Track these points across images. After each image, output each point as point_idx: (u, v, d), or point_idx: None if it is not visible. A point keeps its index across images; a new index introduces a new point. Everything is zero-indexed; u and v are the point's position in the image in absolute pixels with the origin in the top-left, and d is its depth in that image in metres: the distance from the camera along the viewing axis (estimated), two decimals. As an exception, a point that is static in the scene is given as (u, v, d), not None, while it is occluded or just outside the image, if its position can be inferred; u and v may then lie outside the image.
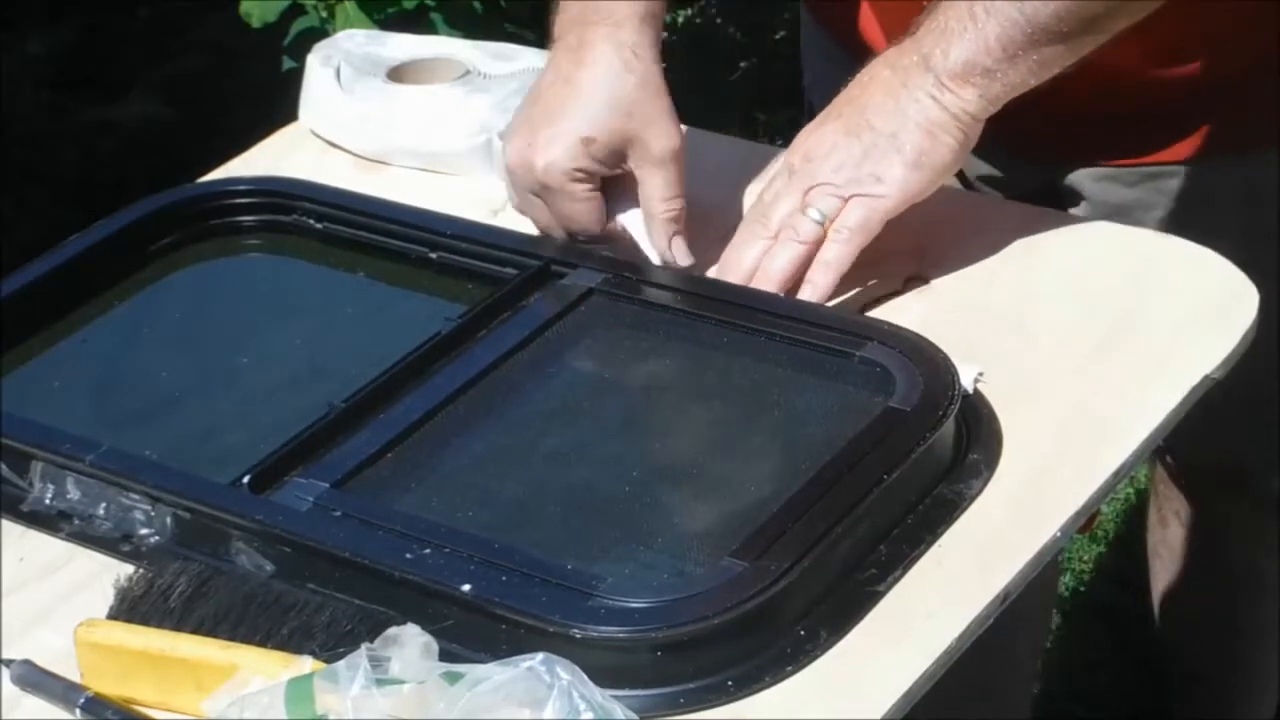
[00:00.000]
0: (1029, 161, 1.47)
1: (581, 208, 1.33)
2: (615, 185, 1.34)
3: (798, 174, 1.29)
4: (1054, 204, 1.46)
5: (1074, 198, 1.48)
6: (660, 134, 1.31)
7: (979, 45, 1.25)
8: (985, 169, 1.51)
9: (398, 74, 1.54)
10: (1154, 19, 1.31)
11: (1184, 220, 1.41)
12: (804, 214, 1.27)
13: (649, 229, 1.33)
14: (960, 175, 1.52)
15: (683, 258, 1.32)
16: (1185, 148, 1.45)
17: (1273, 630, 1.84)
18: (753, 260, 1.29)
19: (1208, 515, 1.80)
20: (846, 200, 1.26)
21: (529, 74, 1.51)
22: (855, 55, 1.38)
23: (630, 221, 1.34)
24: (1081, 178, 1.47)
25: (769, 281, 1.27)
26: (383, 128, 1.49)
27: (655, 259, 1.32)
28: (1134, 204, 1.45)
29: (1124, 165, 1.46)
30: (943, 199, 1.38)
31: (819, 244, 1.27)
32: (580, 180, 1.32)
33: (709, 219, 1.37)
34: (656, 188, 1.31)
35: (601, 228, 1.34)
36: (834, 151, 1.27)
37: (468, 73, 1.52)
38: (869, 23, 1.48)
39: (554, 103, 1.32)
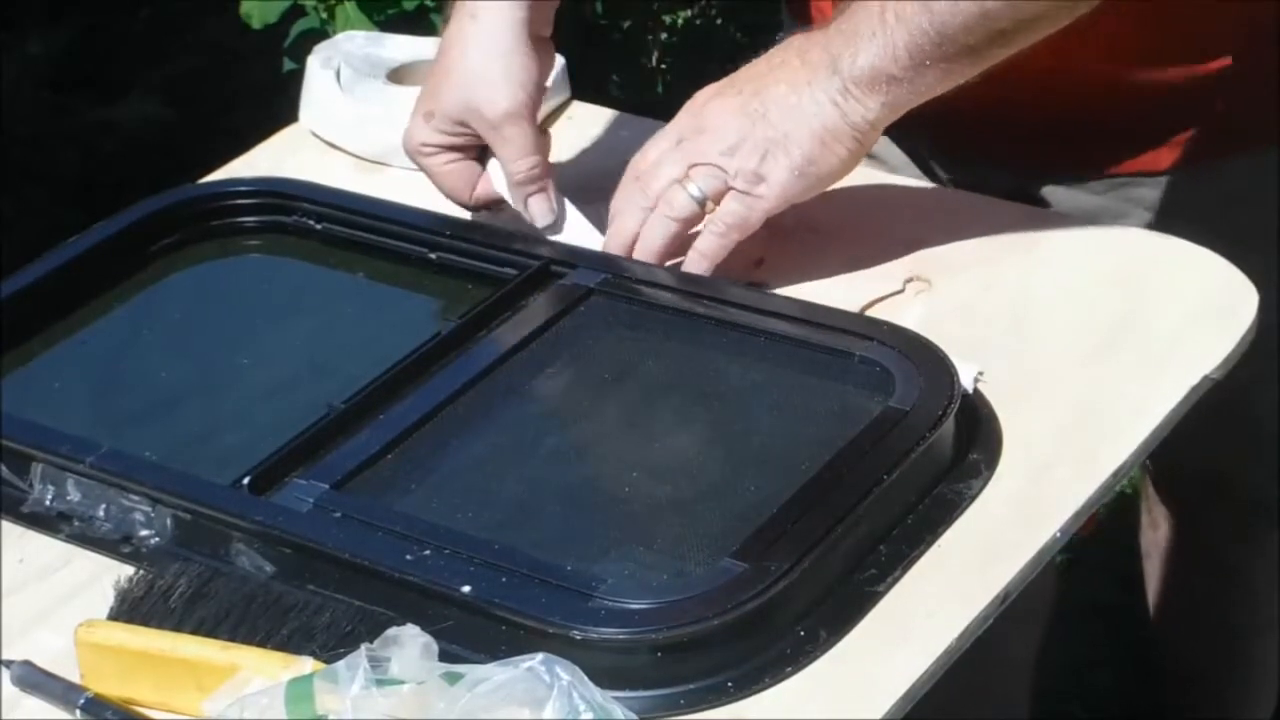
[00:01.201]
0: (995, 168, 1.47)
1: (444, 180, 1.37)
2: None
3: (686, 143, 1.29)
4: None
5: (1042, 205, 1.48)
6: (491, 99, 1.33)
7: (887, 53, 1.24)
8: (952, 174, 1.51)
9: (398, 75, 1.54)
10: (1124, 26, 1.32)
11: (1154, 229, 1.41)
12: (684, 187, 1.27)
13: (511, 197, 1.36)
14: (932, 176, 1.52)
15: (540, 218, 1.34)
16: (1152, 159, 1.45)
17: (1267, 629, 1.84)
18: (632, 231, 1.30)
19: (1192, 517, 1.80)
20: (728, 187, 1.27)
21: None
22: None
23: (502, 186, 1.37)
24: (1049, 186, 1.48)
25: (647, 254, 1.29)
26: (383, 129, 1.49)
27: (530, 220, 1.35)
28: (1101, 211, 1.45)
29: (1092, 177, 1.46)
30: (943, 199, 1.39)
31: (693, 220, 1.28)
32: (432, 154, 1.36)
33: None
34: (502, 153, 1.34)
35: (469, 197, 1.37)
36: (726, 133, 1.27)
37: None
38: None
39: (427, 78, 1.37)
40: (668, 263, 1.30)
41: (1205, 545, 1.81)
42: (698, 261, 1.28)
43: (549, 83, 1.49)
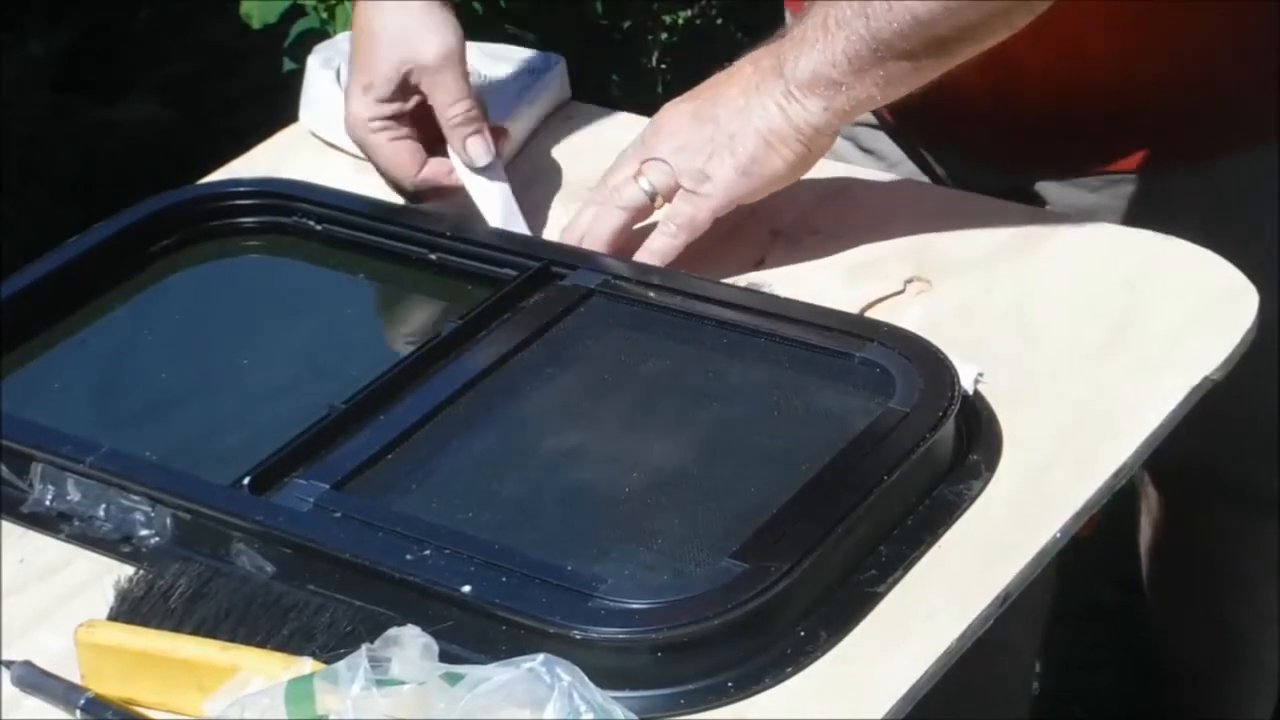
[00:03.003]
0: (991, 165, 1.47)
1: (391, 157, 1.39)
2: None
3: (644, 143, 1.33)
4: None
5: (1037, 202, 1.48)
6: (421, 47, 1.36)
7: (827, 57, 1.26)
8: (949, 170, 1.51)
9: None
10: (1117, 23, 1.32)
11: (1146, 226, 1.41)
12: (635, 181, 1.31)
13: (449, 140, 1.38)
14: (929, 172, 1.52)
15: (479, 156, 1.37)
16: (1145, 156, 1.45)
17: (1267, 629, 1.84)
18: (585, 223, 1.33)
19: (1187, 517, 1.80)
20: (677, 185, 1.30)
21: (528, 75, 1.51)
22: None
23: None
24: (1044, 183, 1.48)
25: (595, 242, 1.32)
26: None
27: (477, 197, 1.38)
28: (1095, 208, 1.45)
29: (1087, 173, 1.47)
30: (943, 199, 1.39)
31: (642, 213, 1.32)
32: (379, 129, 1.38)
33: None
34: (438, 97, 1.37)
35: (415, 173, 1.40)
36: (678, 133, 1.30)
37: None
38: None
39: (351, 58, 1.40)
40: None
41: (1202, 544, 1.81)
42: (648, 259, 1.31)
43: (548, 84, 1.49)
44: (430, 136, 1.41)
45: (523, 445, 1.18)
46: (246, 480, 1.12)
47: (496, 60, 1.54)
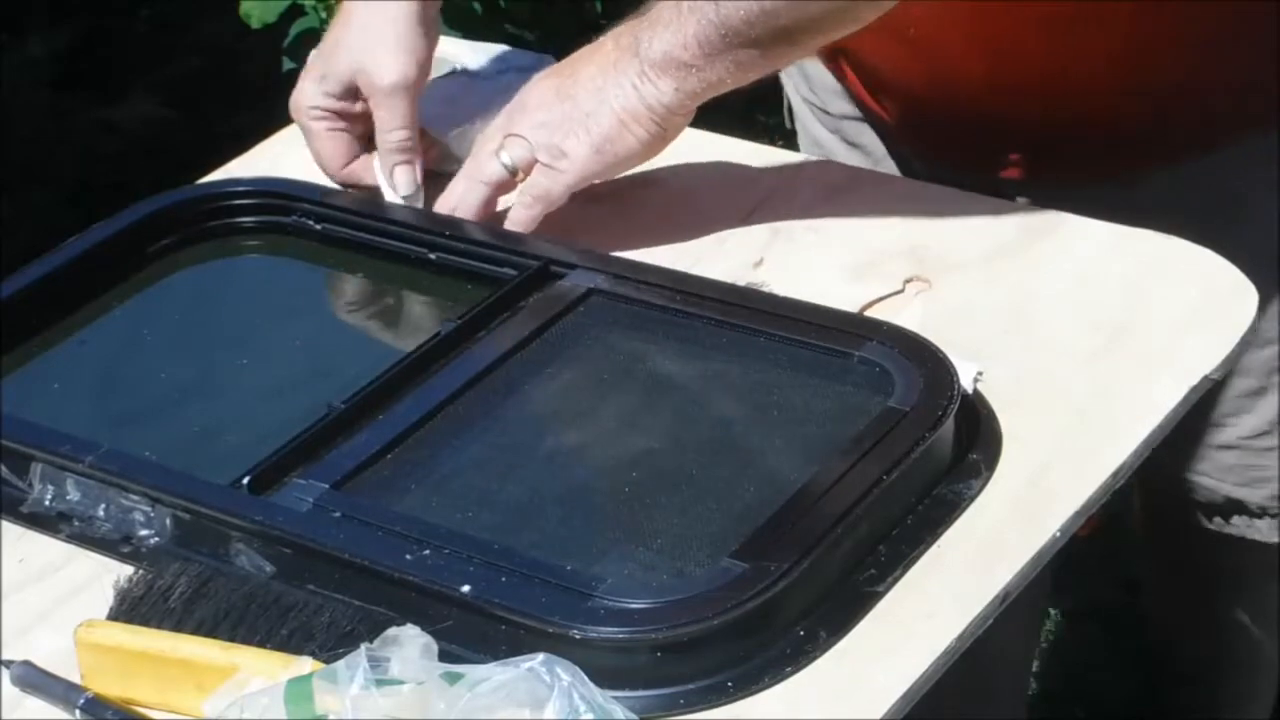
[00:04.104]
0: (967, 172, 1.47)
1: (323, 146, 1.42)
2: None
3: (508, 118, 1.36)
4: None
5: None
6: (380, 65, 1.39)
7: (678, 40, 1.29)
8: (934, 176, 1.51)
9: None
10: (1103, 31, 1.33)
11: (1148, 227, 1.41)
12: (496, 155, 1.34)
13: (379, 160, 1.41)
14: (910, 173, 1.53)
15: (402, 187, 1.40)
16: (1127, 162, 1.46)
17: (1264, 628, 1.84)
18: (456, 196, 1.37)
19: (1174, 522, 1.80)
20: (535, 159, 1.33)
21: (515, 74, 1.51)
22: (825, 51, 1.39)
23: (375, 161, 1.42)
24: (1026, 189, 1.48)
25: (467, 214, 1.36)
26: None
27: (386, 194, 1.41)
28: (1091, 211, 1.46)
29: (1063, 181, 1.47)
30: (943, 199, 1.38)
31: (502, 186, 1.35)
32: (319, 118, 1.41)
33: (708, 216, 1.37)
34: (380, 119, 1.40)
35: (339, 169, 1.42)
36: (539, 108, 1.34)
37: (453, 71, 1.52)
38: None
39: (323, 38, 1.42)
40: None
41: (1188, 546, 1.81)
42: (513, 228, 1.35)
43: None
44: (368, 133, 1.43)
45: (522, 445, 1.18)
46: (246, 480, 1.12)
47: (483, 56, 1.54)
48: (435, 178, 1.41)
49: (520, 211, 1.35)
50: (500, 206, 1.38)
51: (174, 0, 3.41)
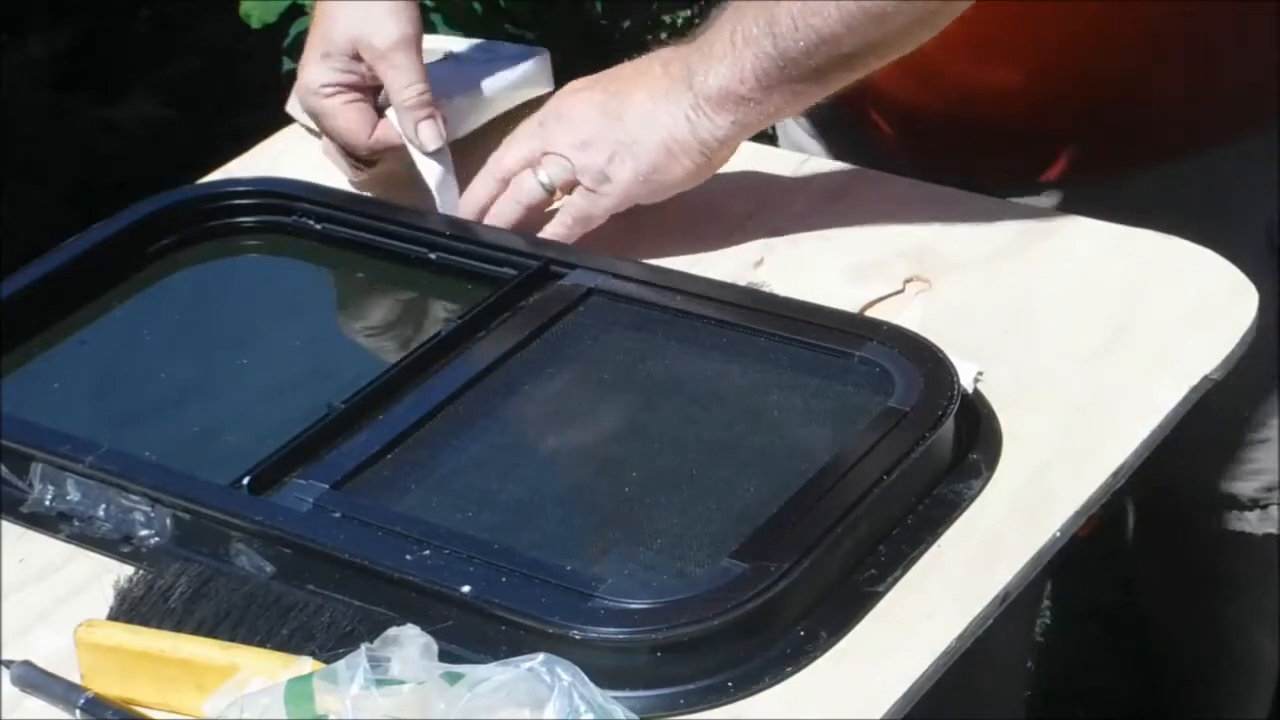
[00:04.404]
0: (964, 178, 1.47)
1: (343, 121, 1.40)
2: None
3: (545, 128, 1.34)
4: None
5: None
6: (379, 29, 1.38)
7: (735, 74, 1.28)
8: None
9: None
10: (1090, 34, 1.33)
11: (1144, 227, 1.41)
12: (534, 173, 1.33)
13: (399, 122, 1.39)
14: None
15: (430, 141, 1.39)
16: (1110, 165, 1.46)
17: (1260, 628, 1.84)
18: (480, 202, 1.36)
19: (1167, 522, 1.80)
20: (576, 181, 1.32)
21: (501, 60, 1.51)
22: None
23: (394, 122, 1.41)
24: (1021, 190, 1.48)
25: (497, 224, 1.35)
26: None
27: (421, 168, 1.39)
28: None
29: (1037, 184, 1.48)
30: (943, 199, 1.38)
31: (540, 205, 1.34)
32: (332, 94, 1.40)
33: (707, 216, 1.37)
34: (391, 80, 1.38)
35: (368, 137, 1.41)
36: (583, 127, 1.32)
37: (444, 57, 1.52)
38: None
39: (310, 32, 1.42)
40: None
41: (1183, 547, 1.81)
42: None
43: (525, 70, 1.49)
44: (379, 104, 1.43)
45: (522, 445, 1.18)
46: (246, 480, 1.12)
47: (474, 46, 1.54)
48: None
49: (558, 229, 1.33)
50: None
51: (174, 0, 3.41)
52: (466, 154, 1.42)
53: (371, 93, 1.42)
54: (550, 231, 1.34)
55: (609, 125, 1.31)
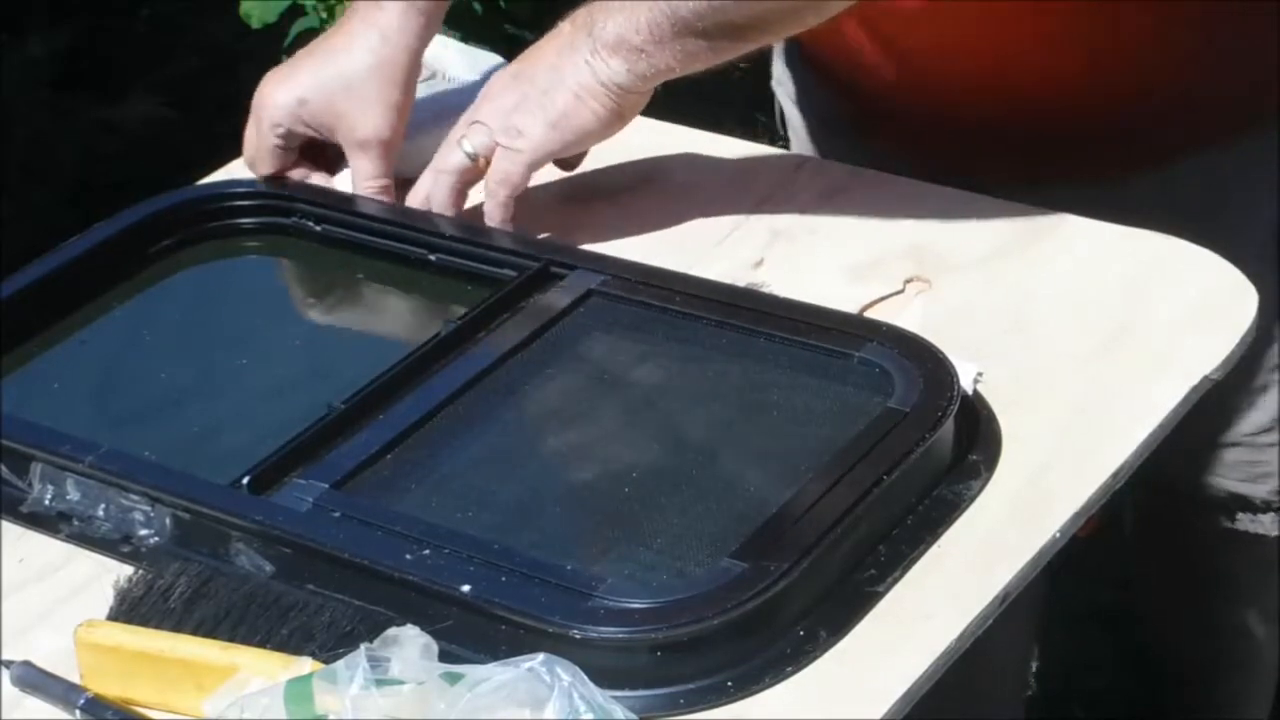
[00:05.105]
0: (973, 180, 1.48)
1: (264, 154, 1.42)
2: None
3: (472, 109, 1.37)
4: None
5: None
6: (369, 120, 1.40)
7: (631, 24, 1.32)
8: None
9: None
10: (1101, 34, 1.33)
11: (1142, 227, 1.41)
12: (459, 145, 1.36)
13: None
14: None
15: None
16: (1120, 165, 1.46)
17: (1260, 627, 1.84)
18: (423, 190, 1.38)
19: (1165, 523, 1.80)
20: (495, 144, 1.34)
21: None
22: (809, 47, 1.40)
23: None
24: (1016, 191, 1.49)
25: (439, 208, 1.37)
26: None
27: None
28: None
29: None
30: (943, 199, 1.38)
31: (468, 174, 1.36)
32: (278, 132, 1.41)
33: (707, 216, 1.37)
34: (359, 169, 1.41)
35: (267, 173, 1.43)
36: (500, 94, 1.35)
37: (433, 75, 1.52)
38: None
39: (309, 56, 1.42)
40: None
41: (1183, 547, 1.81)
42: (491, 224, 1.35)
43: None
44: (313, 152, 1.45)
45: (522, 445, 1.18)
46: (246, 480, 1.12)
47: (470, 59, 1.53)
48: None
49: (489, 203, 1.35)
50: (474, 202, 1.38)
51: (174, 0, 3.41)
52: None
53: (312, 148, 1.44)
54: (485, 210, 1.35)
55: (522, 86, 1.34)
